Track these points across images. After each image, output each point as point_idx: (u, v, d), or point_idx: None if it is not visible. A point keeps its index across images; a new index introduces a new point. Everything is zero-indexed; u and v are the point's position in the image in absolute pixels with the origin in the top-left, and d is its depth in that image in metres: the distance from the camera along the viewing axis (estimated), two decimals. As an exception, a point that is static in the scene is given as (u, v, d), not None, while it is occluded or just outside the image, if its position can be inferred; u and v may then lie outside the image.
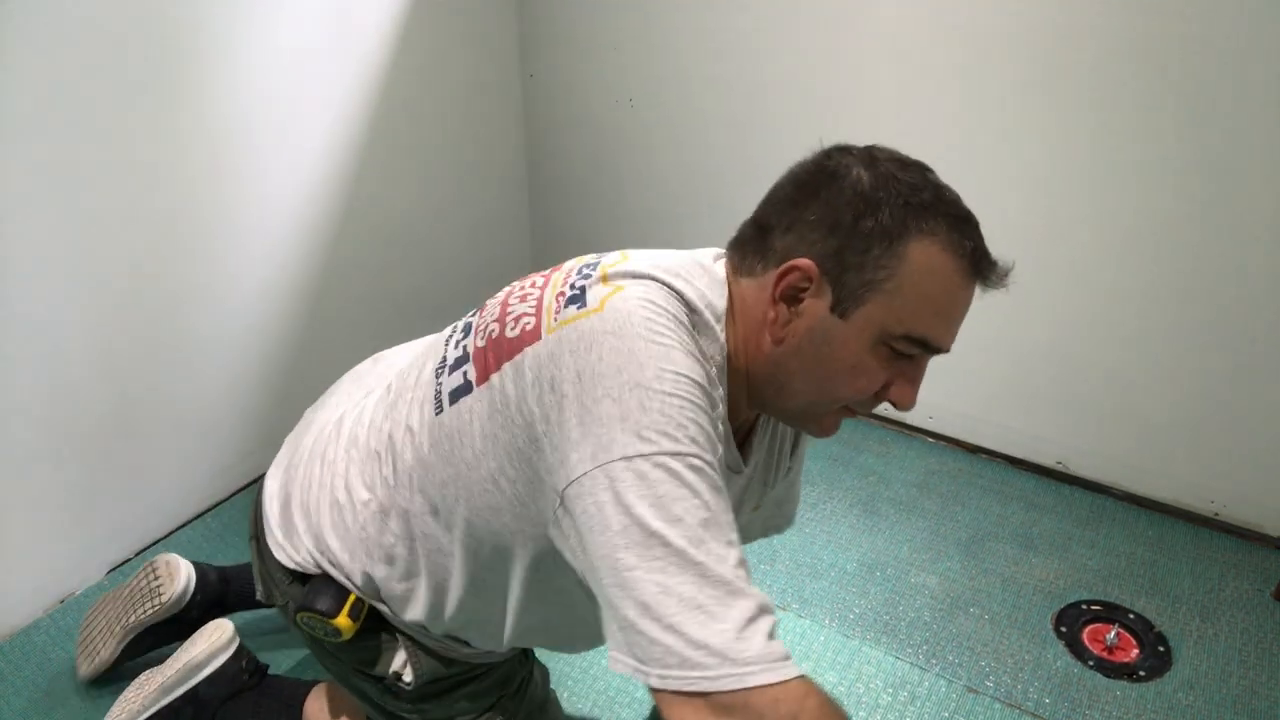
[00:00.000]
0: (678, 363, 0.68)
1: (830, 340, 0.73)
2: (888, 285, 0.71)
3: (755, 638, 0.61)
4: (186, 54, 1.42)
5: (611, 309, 0.71)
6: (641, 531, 0.62)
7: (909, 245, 0.70)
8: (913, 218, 0.70)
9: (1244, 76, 1.39)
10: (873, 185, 0.71)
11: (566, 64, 2.09)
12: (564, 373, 0.69)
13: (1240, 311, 1.54)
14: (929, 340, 0.74)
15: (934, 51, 1.63)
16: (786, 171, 0.78)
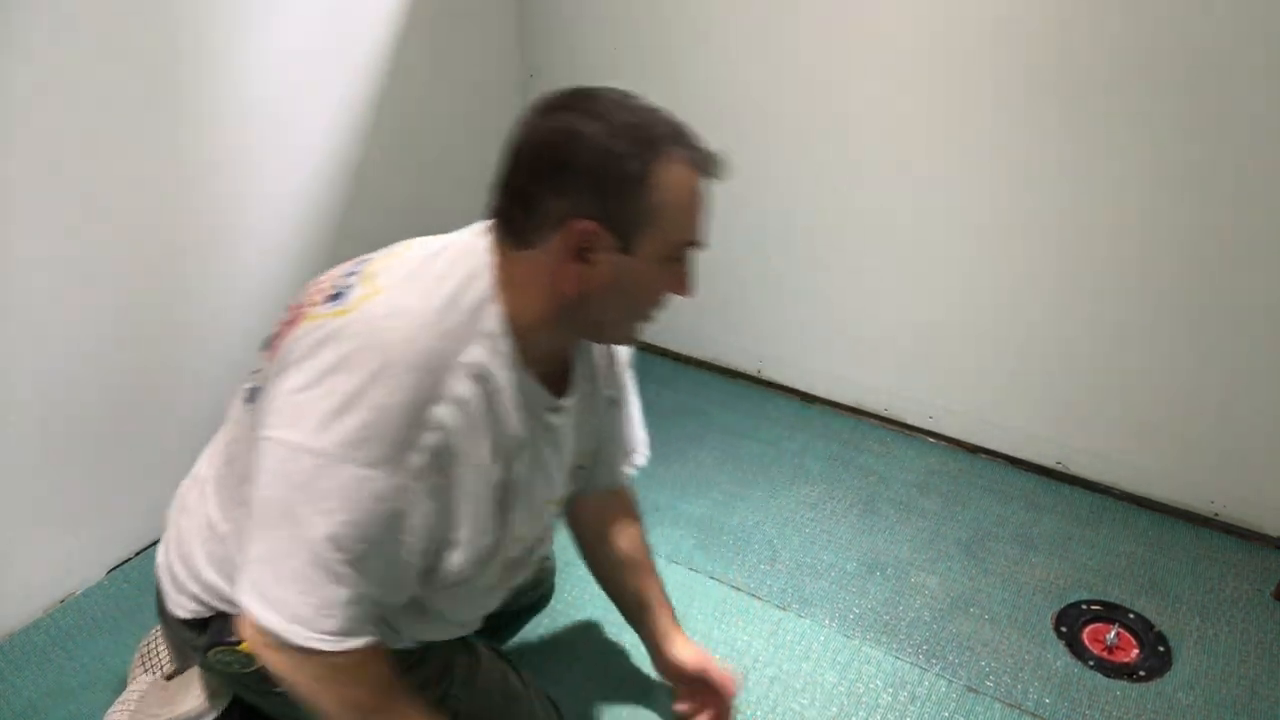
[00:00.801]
0: (390, 387, 0.76)
1: (629, 276, 0.84)
2: (654, 215, 0.82)
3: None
4: (186, 54, 1.42)
5: (360, 315, 0.79)
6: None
7: (658, 177, 0.80)
8: (651, 153, 0.80)
9: (1242, 77, 1.39)
10: (610, 136, 0.80)
11: (566, 64, 2.08)
12: (294, 359, 0.79)
13: (1240, 311, 1.54)
14: (696, 241, 0.88)
15: (933, 51, 1.63)
16: (519, 136, 0.84)
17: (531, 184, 0.82)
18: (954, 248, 1.77)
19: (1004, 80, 1.58)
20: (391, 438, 0.75)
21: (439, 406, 0.78)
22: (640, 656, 1.43)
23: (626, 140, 0.80)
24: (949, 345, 1.87)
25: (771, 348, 2.12)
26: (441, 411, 0.78)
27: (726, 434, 1.99)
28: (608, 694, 1.37)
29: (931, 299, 1.84)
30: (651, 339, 2.31)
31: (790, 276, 2.00)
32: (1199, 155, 1.47)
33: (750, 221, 1.99)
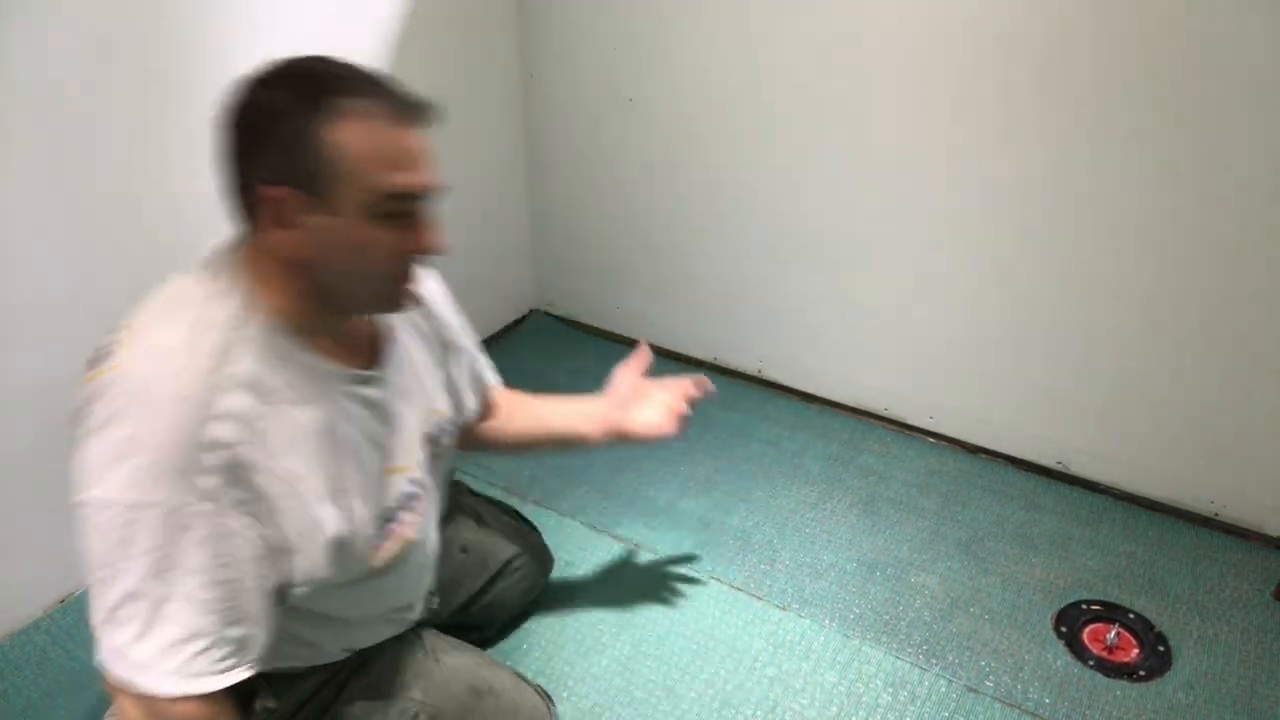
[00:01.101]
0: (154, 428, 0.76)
1: (341, 235, 0.80)
2: (339, 169, 0.78)
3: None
4: (185, 54, 1.42)
5: (120, 365, 0.78)
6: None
7: (333, 129, 0.77)
8: (323, 106, 0.77)
9: (1242, 79, 1.39)
10: (279, 96, 0.79)
11: (566, 64, 2.09)
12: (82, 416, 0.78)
13: (1240, 311, 1.54)
14: (407, 188, 0.81)
15: (934, 50, 1.63)
16: (220, 123, 0.84)
17: (227, 164, 0.83)
18: (954, 248, 1.77)
19: (1005, 83, 1.58)
20: (175, 470, 0.75)
21: (213, 426, 0.77)
22: (639, 654, 1.43)
23: (294, 97, 0.78)
24: (949, 345, 1.87)
25: (771, 348, 2.12)
26: (217, 430, 0.77)
27: (726, 434, 1.99)
28: (606, 689, 1.37)
29: (932, 299, 1.84)
30: (651, 339, 2.31)
31: (790, 276, 2.00)
32: (1199, 156, 1.47)
33: (751, 222, 1.99)
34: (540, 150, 2.24)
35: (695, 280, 2.15)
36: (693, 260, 2.13)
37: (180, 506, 0.76)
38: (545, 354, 2.30)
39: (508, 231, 2.32)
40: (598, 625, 1.49)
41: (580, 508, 1.75)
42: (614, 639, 1.46)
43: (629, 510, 1.75)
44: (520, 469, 1.86)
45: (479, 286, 2.29)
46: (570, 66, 2.08)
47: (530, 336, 2.39)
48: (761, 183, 1.94)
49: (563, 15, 2.03)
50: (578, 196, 2.25)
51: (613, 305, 2.34)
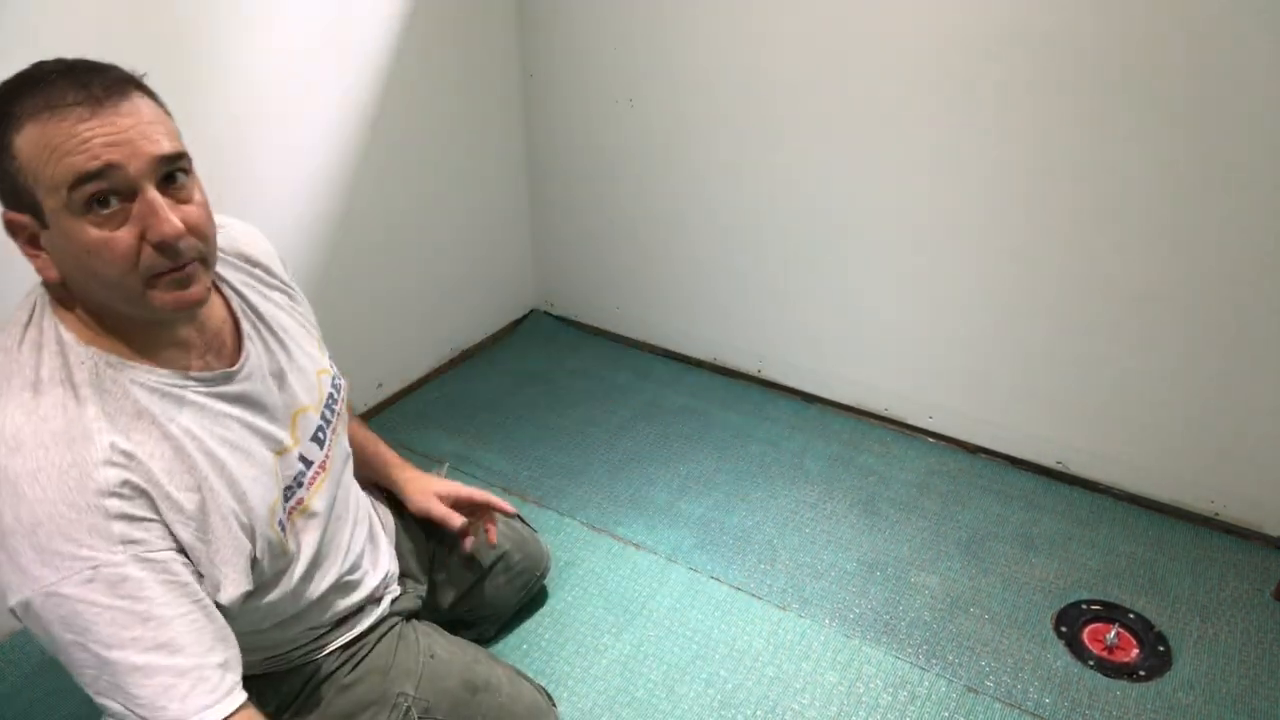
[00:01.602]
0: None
1: (66, 244, 0.76)
2: (33, 179, 0.74)
3: None
4: (184, 54, 1.42)
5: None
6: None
7: (13, 145, 0.73)
8: (6, 121, 0.73)
9: (1241, 77, 1.39)
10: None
11: (566, 64, 2.09)
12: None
13: (1240, 311, 1.54)
14: (83, 173, 0.73)
15: (934, 51, 1.62)
16: None
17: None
18: (955, 248, 1.77)
19: (1005, 83, 1.58)
20: (81, 533, 0.74)
21: (94, 476, 0.75)
22: (639, 654, 1.43)
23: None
24: (949, 345, 1.87)
25: (771, 348, 2.12)
26: (103, 477, 0.75)
27: (726, 434, 1.99)
28: (606, 689, 1.37)
29: (932, 299, 1.84)
30: (651, 339, 2.31)
31: (790, 276, 2.00)
32: (1200, 156, 1.47)
33: (751, 222, 1.99)
34: (540, 150, 2.24)
35: (695, 280, 2.15)
36: (693, 260, 2.13)
37: (105, 567, 0.74)
38: (545, 354, 2.30)
39: (508, 231, 2.32)
40: (598, 625, 1.49)
41: (580, 508, 1.75)
42: (614, 639, 1.46)
43: (629, 510, 1.75)
44: (520, 469, 1.86)
45: (479, 286, 2.29)
46: (570, 66, 2.08)
47: (530, 336, 2.39)
48: (761, 183, 1.94)
49: (563, 15, 2.03)
50: (578, 196, 2.24)
51: (613, 305, 2.34)
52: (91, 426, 0.77)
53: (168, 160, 0.77)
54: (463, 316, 2.26)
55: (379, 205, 1.88)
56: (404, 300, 2.05)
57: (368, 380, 2.02)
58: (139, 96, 0.77)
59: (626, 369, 2.23)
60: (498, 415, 2.04)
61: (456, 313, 2.23)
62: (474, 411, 2.06)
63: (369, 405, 2.03)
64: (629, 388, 2.16)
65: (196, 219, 0.80)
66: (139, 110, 0.76)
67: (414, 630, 1.18)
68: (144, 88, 0.79)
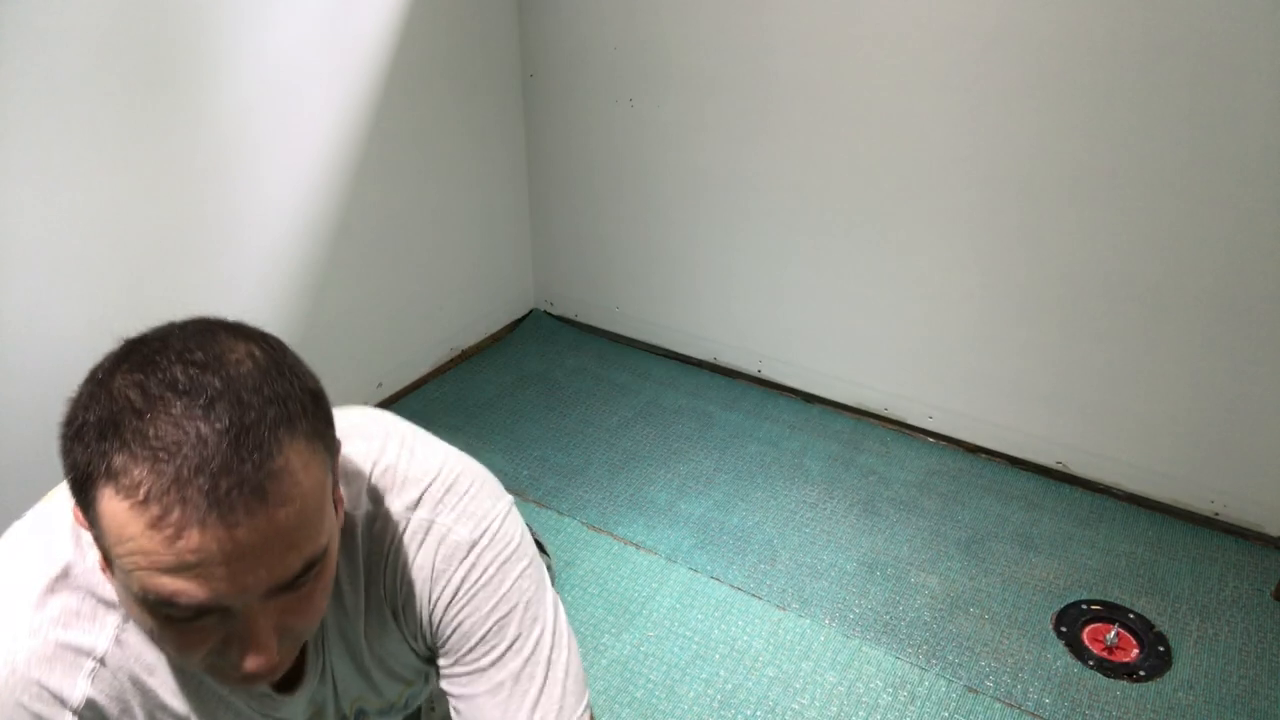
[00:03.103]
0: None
1: (123, 598, 0.57)
2: (106, 542, 0.53)
3: None
4: (184, 56, 1.42)
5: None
6: None
7: (102, 496, 0.52)
8: (104, 457, 0.51)
9: (1243, 75, 1.39)
10: (75, 423, 0.54)
11: (566, 64, 2.09)
12: None
13: (1241, 311, 1.54)
14: (173, 598, 0.52)
15: (934, 51, 1.63)
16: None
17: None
18: (954, 248, 1.77)
19: (1005, 83, 1.58)
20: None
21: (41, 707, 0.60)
22: (639, 654, 1.43)
23: (91, 434, 0.52)
24: (949, 345, 1.87)
25: (771, 348, 2.12)
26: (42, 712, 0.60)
27: (726, 434, 1.99)
28: (606, 689, 1.37)
29: (932, 299, 1.84)
30: (651, 339, 2.31)
31: (791, 277, 2.00)
32: (1201, 156, 1.47)
33: (751, 222, 1.99)
34: (540, 150, 2.24)
35: (695, 280, 2.15)
36: (693, 260, 2.13)
37: None
38: (545, 354, 2.30)
39: (508, 231, 2.32)
40: (598, 625, 1.49)
41: (580, 508, 1.75)
42: (614, 639, 1.46)
43: (629, 510, 1.75)
44: (520, 469, 1.86)
45: (479, 286, 2.29)
46: (570, 66, 2.08)
47: (530, 336, 2.39)
48: (762, 183, 1.94)
49: (563, 15, 2.03)
50: (578, 196, 2.24)
51: (613, 305, 2.34)
52: (70, 660, 0.62)
53: (299, 575, 0.56)
54: (463, 316, 2.26)
55: (379, 205, 1.88)
56: (404, 300, 2.05)
57: (368, 380, 2.02)
58: (295, 461, 0.54)
59: (626, 369, 2.23)
60: (498, 415, 2.04)
61: (456, 313, 2.23)
62: (474, 411, 2.06)
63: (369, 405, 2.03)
64: (629, 388, 2.16)
65: (303, 626, 0.60)
66: (286, 499, 0.53)
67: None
68: (309, 430, 0.56)
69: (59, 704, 0.61)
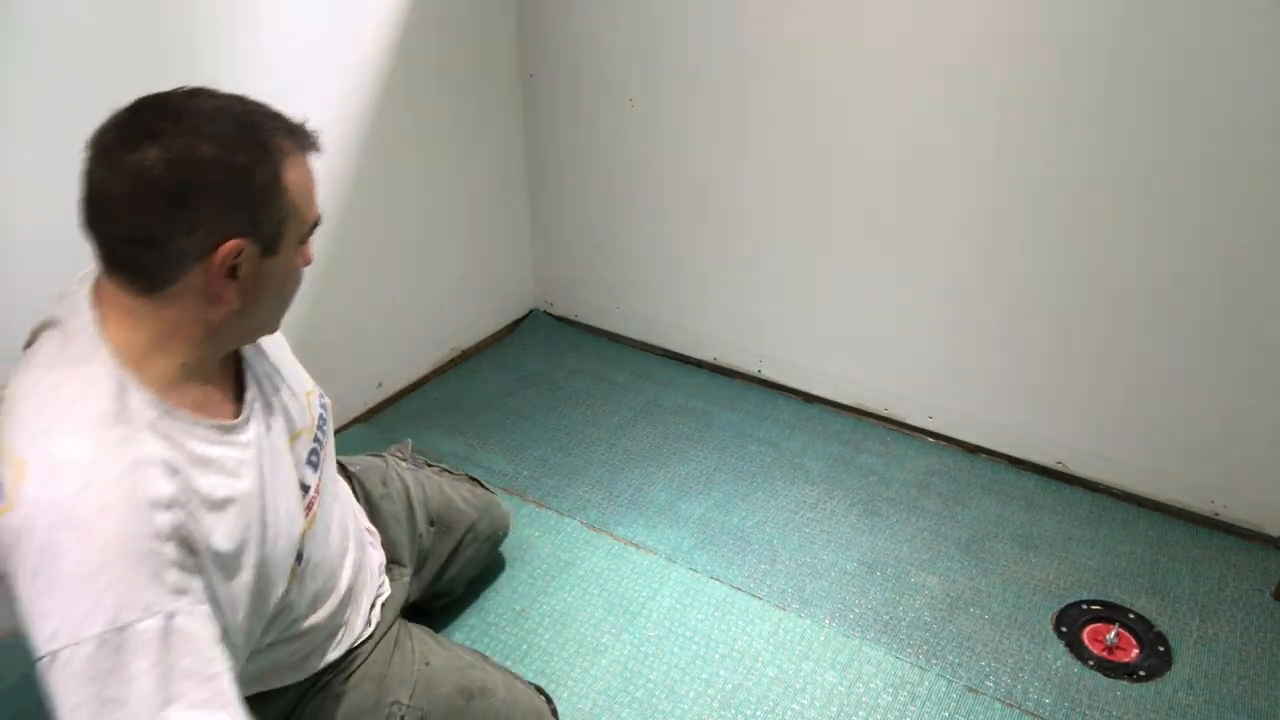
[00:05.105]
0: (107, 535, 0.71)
1: (277, 272, 0.85)
2: (290, 211, 0.82)
3: None
4: (184, 55, 1.42)
5: (28, 498, 0.71)
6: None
7: (285, 176, 0.81)
8: (274, 155, 0.80)
9: (1243, 78, 1.39)
10: (228, 152, 0.77)
11: (566, 64, 2.09)
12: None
13: (1240, 311, 1.54)
14: (319, 221, 0.88)
15: (934, 53, 1.63)
16: (113, 181, 0.76)
17: (153, 225, 0.76)
18: (955, 248, 1.77)
19: (1005, 84, 1.58)
20: (139, 581, 0.71)
21: (152, 519, 0.73)
22: (639, 654, 1.43)
23: (241, 152, 0.77)
24: (949, 345, 1.87)
25: (771, 348, 2.12)
26: (157, 521, 0.74)
27: (726, 434, 1.99)
28: (606, 689, 1.37)
29: (932, 299, 1.84)
30: (651, 339, 2.31)
31: (791, 276, 2.00)
32: (1201, 156, 1.47)
33: (751, 222, 1.99)
34: (540, 150, 2.24)
35: (695, 280, 2.15)
36: (692, 260, 2.13)
37: (160, 612, 0.72)
38: (545, 354, 2.30)
39: (508, 231, 2.32)
40: (598, 625, 1.49)
41: (580, 508, 1.75)
42: (614, 639, 1.46)
43: (629, 510, 1.75)
44: (520, 469, 1.86)
45: (479, 287, 2.29)
46: (570, 66, 2.08)
47: (530, 336, 2.39)
48: (761, 182, 1.94)
49: (562, 15, 2.03)
50: (578, 196, 2.24)
51: (613, 305, 2.34)
52: (148, 470, 0.75)
53: None
54: (463, 316, 2.26)
55: (379, 205, 1.88)
56: (404, 300, 2.05)
57: (368, 380, 2.02)
58: None
59: (626, 369, 2.23)
60: (498, 415, 2.04)
61: (456, 313, 2.23)
62: (474, 411, 2.06)
63: (369, 405, 2.03)
64: (629, 388, 2.16)
65: None
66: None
67: (410, 637, 1.18)
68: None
69: (152, 506, 0.74)
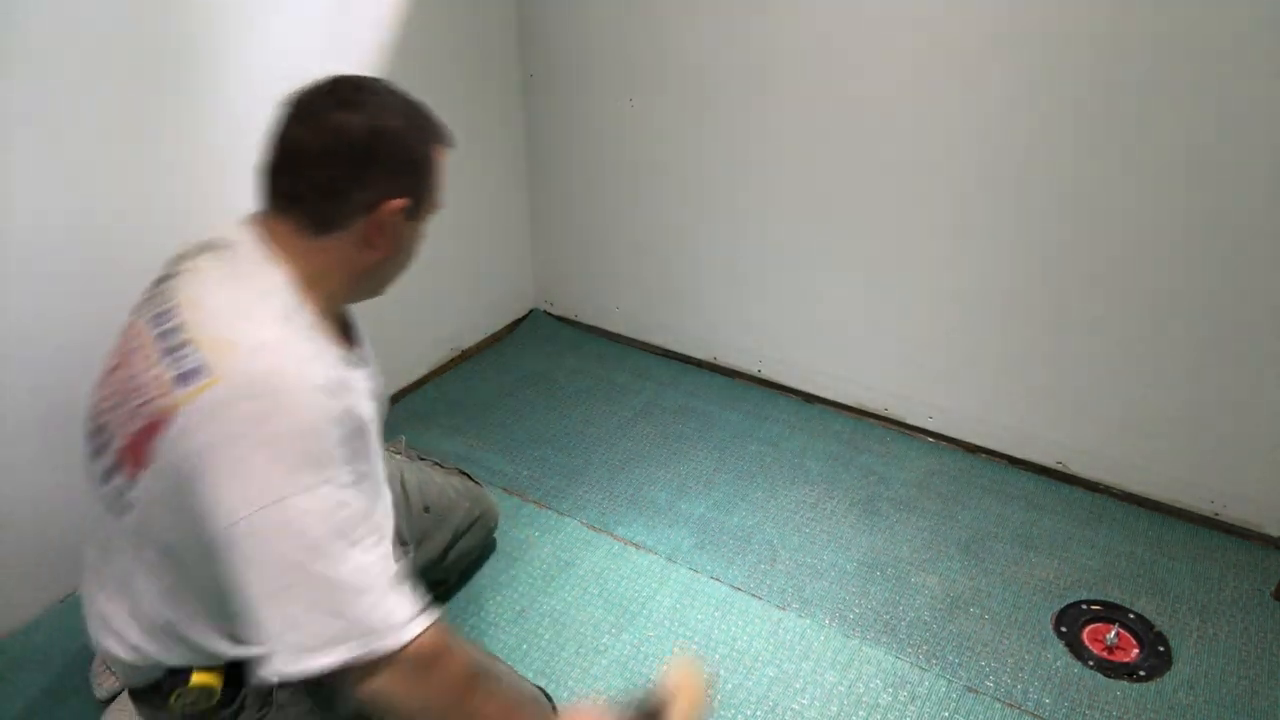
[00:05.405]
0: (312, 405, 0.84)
1: (411, 238, 1.00)
2: (434, 188, 1.00)
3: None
4: (184, 55, 1.42)
5: (235, 373, 0.82)
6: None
7: (436, 157, 0.99)
8: (432, 138, 0.99)
9: (1241, 78, 1.39)
10: (406, 129, 0.95)
11: (566, 64, 2.09)
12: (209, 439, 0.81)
13: (1240, 311, 1.54)
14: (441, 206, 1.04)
15: (933, 53, 1.63)
16: (313, 134, 0.92)
17: (341, 176, 0.91)
18: (955, 248, 1.77)
19: (1005, 85, 1.58)
20: (325, 445, 0.82)
21: (338, 399, 0.86)
22: (639, 654, 1.43)
23: (416, 131, 0.96)
24: (949, 345, 1.87)
25: (771, 348, 2.12)
26: (345, 400, 0.87)
27: (726, 434, 1.99)
28: (605, 687, 1.37)
29: (932, 299, 1.84)
30: (651, 339, 2.31)
31: (791, 276, 2.00)
32: (1199, 156, 1.47)
33: (751, 222, 1.99)
34: (540, 150, 2.24)
35: (695, 280, 2.15)
36: (693, 260, 2.13)
37: (339, 476, 0.83)
38: (545, 354, 2.30)
39: (508, 231, 2.32)
40: (598, 625, 1.49)
41: (580, 508, 1.75)
42: (614, 639, 1.46)
43: (629, 510, 1.75)
44: (520, 469, 1.86)
45: (479, 286, 2.29)
46: (570, 66, 2.08)
47: (530, 336, 2.39)
48: (761, 182, 1.94)
49: (563, 15, 2.03)
50: (578, 196, 2.25)
51: (612, 305, 2.34)
52: (329, 361, 0.89)
53: None
54: (463, 316, 2.26)
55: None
56: (404, 300, 2.04)
57: (368, 380, 2.02)
58: None
59: (626, 369, 2.23)
60: (498, 415, 2.04)
61: (456, 313, 2.23)
62: (474, 411, 2.06)
63: (369, 405, 2.03)
64: (629, 388, 2.16)
65: None
66: None
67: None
68: None
69: (332, 392, 0.85)
